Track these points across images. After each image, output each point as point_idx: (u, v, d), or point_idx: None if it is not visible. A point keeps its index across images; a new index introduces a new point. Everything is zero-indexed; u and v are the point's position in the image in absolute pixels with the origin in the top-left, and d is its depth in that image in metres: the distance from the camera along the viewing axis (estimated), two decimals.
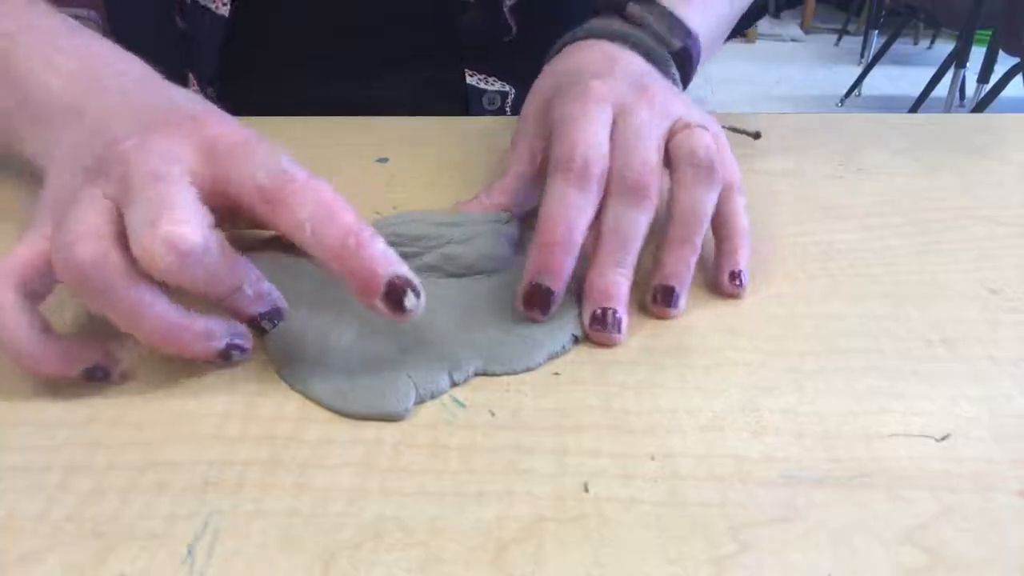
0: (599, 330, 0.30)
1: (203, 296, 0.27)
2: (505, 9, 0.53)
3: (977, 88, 2.52)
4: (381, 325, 0.30)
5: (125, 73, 0.35)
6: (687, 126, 0.34)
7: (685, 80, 0.44)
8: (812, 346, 0.31)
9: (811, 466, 0.25)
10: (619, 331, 0.30)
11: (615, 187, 0.32)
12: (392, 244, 0.31)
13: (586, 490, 0.24)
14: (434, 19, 0.53)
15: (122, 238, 0.26)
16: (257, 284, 0.29)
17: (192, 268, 0.26)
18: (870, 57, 3.14)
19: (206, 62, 0.53)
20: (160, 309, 0.26)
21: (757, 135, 0.40)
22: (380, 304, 0.26)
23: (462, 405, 0.28)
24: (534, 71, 0.57)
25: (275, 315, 0.30)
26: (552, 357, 0.30)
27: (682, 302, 0.32)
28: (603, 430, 0.27)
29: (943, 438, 0.27)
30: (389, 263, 0.27)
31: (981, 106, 2.46)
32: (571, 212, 0.31)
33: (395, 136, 0.49)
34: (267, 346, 0.30)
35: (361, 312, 0.31)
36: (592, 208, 0.32)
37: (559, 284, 0.31)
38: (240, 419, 0.27)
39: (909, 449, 0.26)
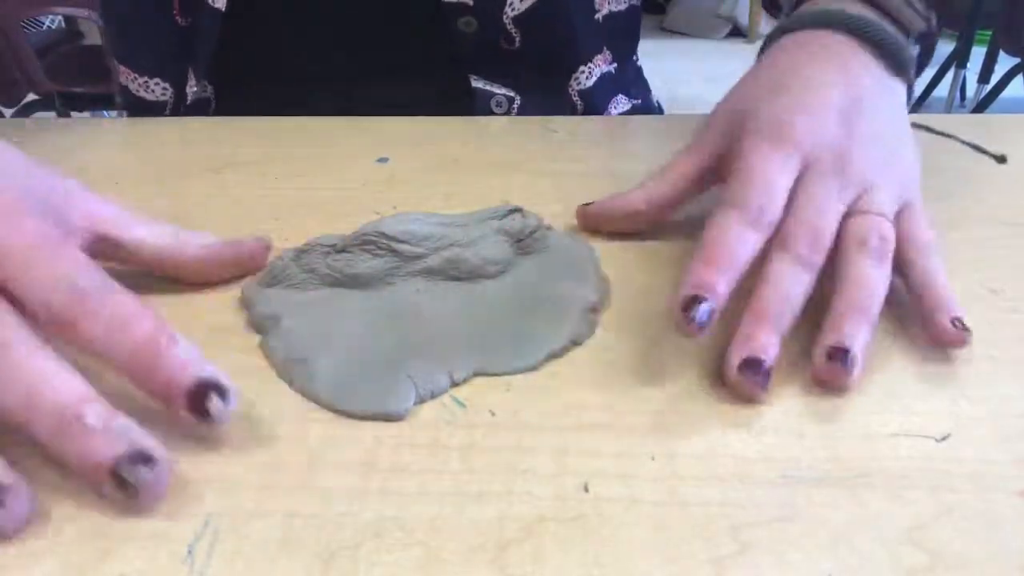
0: (746, 375, 0.28)
1: (29, 432, 0.24)
2: (506, 19, 0.53)
3: (977, 88, 2.52)
4: (381, 326, 0.30)
5: None
6: (866, 212, 0.32)
7: (920, 67, 0.42)
8: (812, 346, 0.31)
9: (811, 466, 0.25)
10: (766, 384, 0.28)
11: (781, 244, 0.31)
12: (401, 242, 0.31)
13: (586, 490, 0.24)
14: (436, 27, 0.53)
15: None
16: (107, 416, 0.24)
17: (10, 362, 0.24)
18: None
19: (203, 59, 0.53)
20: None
21: (1002, 159, 0.37)
22: (184, 414, 0.24)
23: (462, 405, 0.28)
24: (540, 82, 0.57)
25: (138, 459, 0.23)
26: (552, 357, 0.30)
27: (858, 368, 0.28)
28: (603, 430, 0.27)
29: (943, 438, 0.27)
30: (190, 369, 0.24)
31: (981, 106, 2.46)
32: (737, 242, 0.30)
33: (395, 136, 0.49)
34: (267, 347, 0.30)
35: (362, 312, 0.31)
36: (755, 248, 0.31)
37: (717, 299, 0.29)
38: (240, 419, 0.27)
39: (909, 449, 0.26)
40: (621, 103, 0.63)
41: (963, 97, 2.77)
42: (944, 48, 3.24)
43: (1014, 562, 0.22)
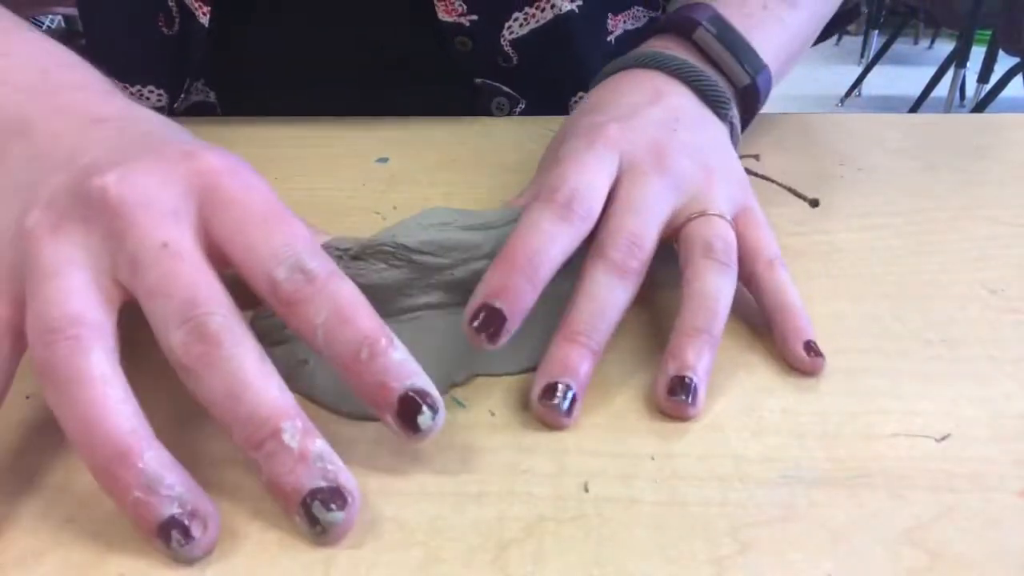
0: (546, 403, 0.26)
1: (229, 433, 0.23)
2: (504, 42, 0.52)
3: (977, 88, 2.53)
4: None
5: (86, 87, 0.30)
6: (703, 213, 0.31)
7: (748, 116, 0.42)
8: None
9: (811, 466, 0.25)
10: (570, 412, 0.26)
11: (596, 250, 0.30)
12: (427, 255, 0.29)
13: (586, 490, 0.24)
14: (435, 41, 0.52)
15: (108, 318, 0.23)
16: (304, 437, 0.23)
17: (226, 366, 0.23)
18: (870, 57, 3.14)
19: (196, 62, 0.53)
20: (115, 421, 0.22)
21: (815, 203, 0.38)
22: (392, 422, 0.23)
23: (462, 405, 0.28)
24: (543, 93, 0.56)
25: (332, 497, 0.22)
26: None
27: (700, 398, 0.27)
28: (603, 430, 0.27)
29: (943, 438, 0.27)
30: (403, 375, 0.23)
31: (981, 106, 2.46)
32: (543, 238, 0.28)
33: (395, 136, 0.49)
34: (268, 348, 0.30)
35: None
36: (568, 244, 0.29)
37: (514, 311, 0.27)
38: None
39: (909, 449, 0.26)
40: None
41: (963, 97, 2.78)
42: (944, 48, 3.24)
43: (1014, 562, 0.22)
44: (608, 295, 0.29)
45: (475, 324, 0.26)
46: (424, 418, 0.23)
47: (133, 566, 0.22)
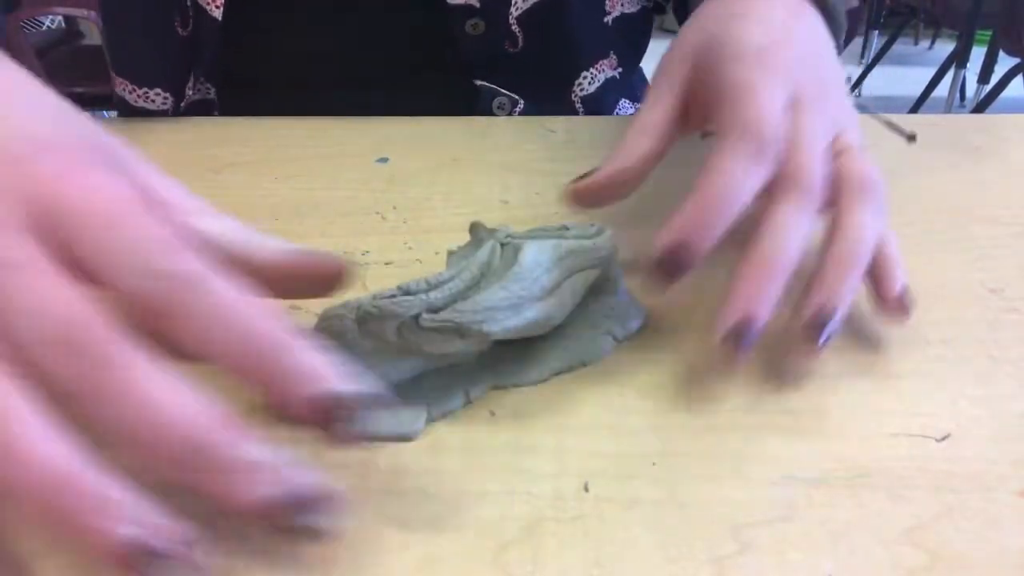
0: (734, 346, 0.27)
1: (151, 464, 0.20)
2: (511, 19, 0.53)
3: (977, 88, 2.53)
4: (393, 349, 0.27)
5: None
6: (850, 148, 0.31)
7: (843, 43, 0.43)
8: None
9: (811, 466, 0.25)
10: (750, 346, 0.27)
11: (783, 182, 0.29)
12: (492, 333, 0.26)
13: (586, 490, 0.24)
14: (440, 30, 0.53)
15: None
16: (236, 446, 0.20)
17: (121, 397, 0.19)
18: (870, 57, 3.14)
19: (208, 64, 0.53)
20: (55, 455, 0.18)
21: (912, 137, 0.37)
22: (317, 430, 0.21)
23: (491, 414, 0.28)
24: (542, 87, 0.56)
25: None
26: (559, 373, 0.29)
27: (837, 327, 0.28)
28: (603, 430, 0.27)
29: (943, 438, 0.27)
30: (313, 378, 0.20)
31: (981, 106, 2.46)
32: (744, 178, 0.28)
33: (395, 136, 0.49)
34: None
35: (374, 337, 0.27)
36: (758, 185, 0.29)
37: (700, 250, 0.28)
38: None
39: (909, 449, 0.26)
40: (625, 108, 0.63)
41: (963, 97, 2.78)
42: (944, 48, 3.24)
43: (1014, 562, 0.22)
44: (795, 233, 0.29)
45: (662, 262, 0.28)
46: (343, 424, 0.20)
47: None
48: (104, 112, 1.93)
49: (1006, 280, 0.35)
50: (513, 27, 0.53)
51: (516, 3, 0.52)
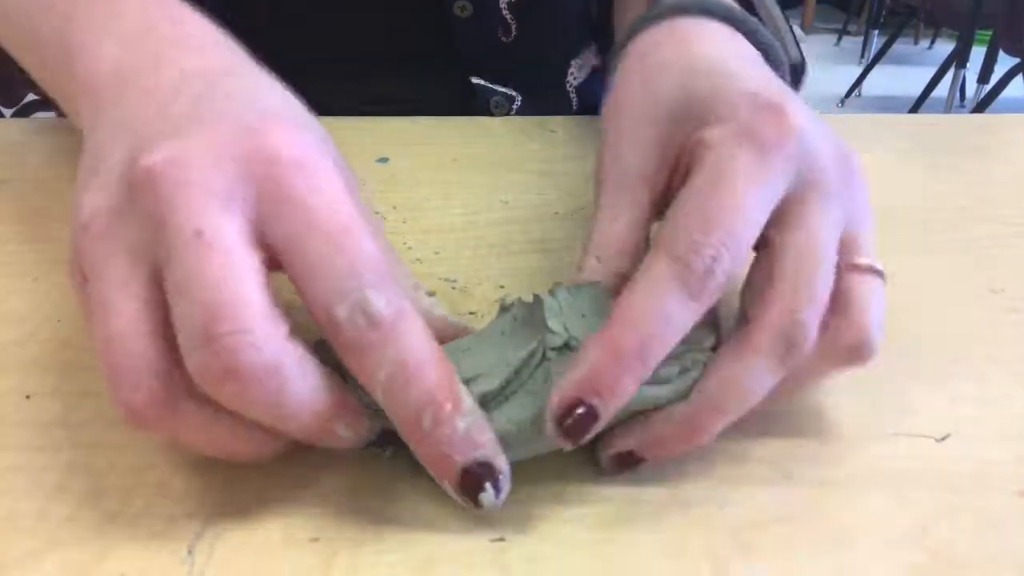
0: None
1: (279, 433, 0.22)
2: (503, 5, 0.53)
3: (977, 88, 2.52)
4: None
5: (203, 49, 0.27)
6: (861, 269, 0.25)
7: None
8: None
9: (811, 466, 0.25)
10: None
11: (762, 333, 0.23)
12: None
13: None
14: (432, 15, 0.53)
15: (157, 313, 0.21)
16: (355, 420, 0.23)
17: (259, 395, 0.20)
18: (870, 57, 3.14)
19: None
20: (224, 427, 0.22)
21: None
22: (453, 494, 0.22)
23: None
24: (536, 79, 0.56)
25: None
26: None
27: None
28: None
29: (943, 438, 0.27)
30: (467, 448, 0.21)
31: (981, 106, 2.46)
32: (661, 322, 0.22)
33: (395, 136, 0.49)
34: None
35: None
36: (689, 324, 0.22)
37: (609, 412, 0.22)
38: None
39: (909, 449, 0.26)
40: None
41: (963, 97, 2.78)
42: (944, 48, 3.24)
43: (1014, 562, 0.22)
44: (757, 386, 0.24)
45: (566, 423, 0.22)
46: (486, 495, 0.21)
47: (133, 566, 0.22)
48: None
49: (1006, 280, 0.35)
50: (505, 13, 0.53)
51: None
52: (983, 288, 0.35)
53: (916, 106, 2.75)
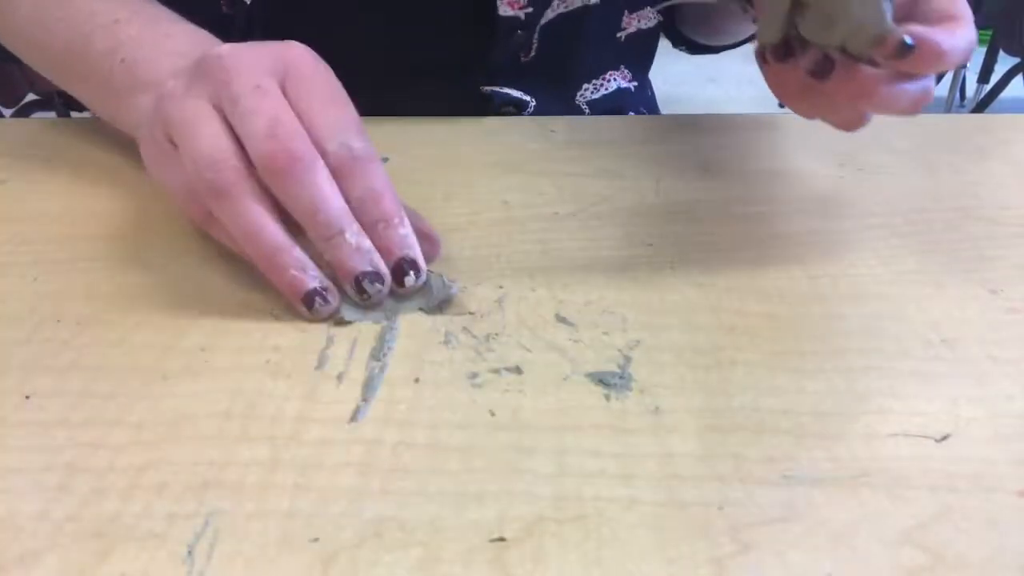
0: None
1: (305, 227, 0.31)
2: (534, 32, 0.53)
3: (977, 88, 2.53)
4: None
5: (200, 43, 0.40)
6: None
7: None
8: (812, 346, 0.31)
9: (811, 466, 0.25)
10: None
11: None
12: None
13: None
14: (461, 39, 0.52)
15: (240, 150, 0.31)
16: (359, 237, 0.31)
17: (307, 179, 0.30)
18: None
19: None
20: (272, 228, 0.31)
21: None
22: (388, 273, 0.32)
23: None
24: (548, 92, 0.56)
25: (375, 278, 0.31)
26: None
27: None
28: (603, 430, 0.27)
29: (943, 438, 0.27)
30: (404, 246, 0.32)
31: (981, 106, 2.46)
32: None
33: (395, 136, 0.49)
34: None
35: None
36: None
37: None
38: (240, 419, 0.27)
39: (909, 449, 0.26)
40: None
41: (963, 97, 2.78)
42: None
43: (1014, 562, 0.22)
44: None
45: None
46: (409, 279, 0.32)
47: (133, 566, 0.22)
48: None
49: (1006, 280, 0.35)
50: (534, 37, 0.53)
51: (546, 14, 0.53)
52: (983, 288, 0.35)
53: None
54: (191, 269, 0.35)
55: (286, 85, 0.33)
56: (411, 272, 0.32)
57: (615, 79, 0.60)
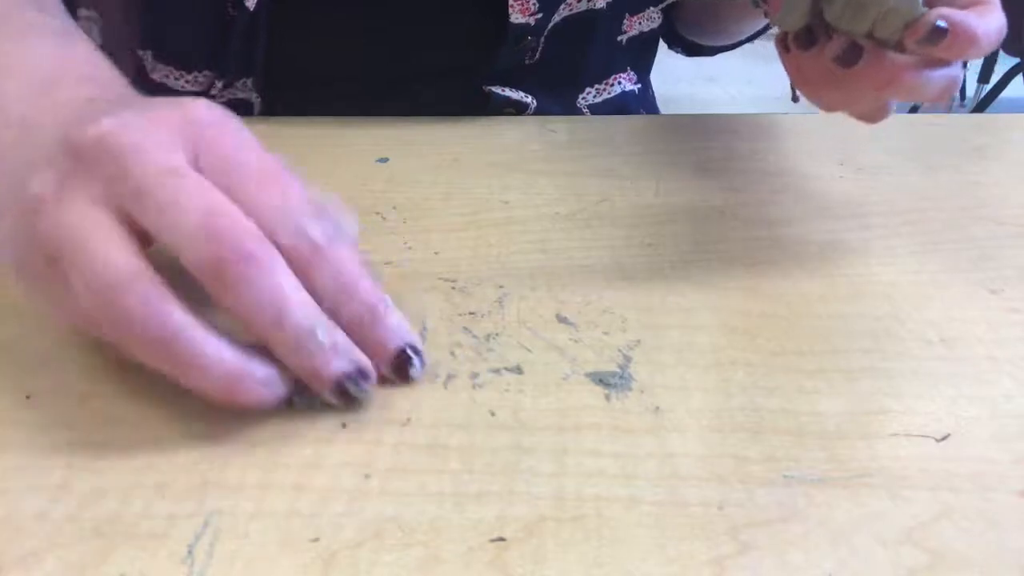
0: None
1: (265, 338, 0.25)
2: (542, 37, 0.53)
3: (977, 88, 2.53)
4: None
5: (94, 78, 0.31)
6: None
7: None
8: (812, 346, 0.31)
9: (811, 466, 0.25)
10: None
11: None
12: None
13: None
14: (467, 42, 0.52)
15: (147, 260, 0.24)
16: (332, 332, 0.25)
17: (267, 283, 0.24)
18: None
19: (239, 53, 0.52)
20: (223, 354, 0.24)
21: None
22: (388, 373, 0.28)
23: None
24: (549, 93, 0.56)
25: (361, 377, 0.26)
26: None
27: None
28: (603, 430, 0.27)
29: (943, 438, 0.27)
30: (398, 337, 0.27)
31: (981, 106, 2.46)
32: None
33: (395, 136, 0.49)
34: None
35: None
36: None
37: None
38: (240, 419, 0.27)
39: (909, 449, 0.26)
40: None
41: (963, 97, 2.78)
42: None
43: (1014, 562, 0.22)
44: None
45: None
46: (414, 370, 0.28)
47: (133, 566, 0.22)
48: None
49: (1006, 280, 0.35)
50: (540, 40, 0.53)
51: (554, 19, 0.52)
52: (982, 288, 0.35)
53: (916, 106, 2.75)
54: None
55: (201, 164, 0.25)
56: (415, 359, 0.28)
57: (621, 81, 0.60)
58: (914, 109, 2.72)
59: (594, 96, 0.59)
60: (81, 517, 0.23)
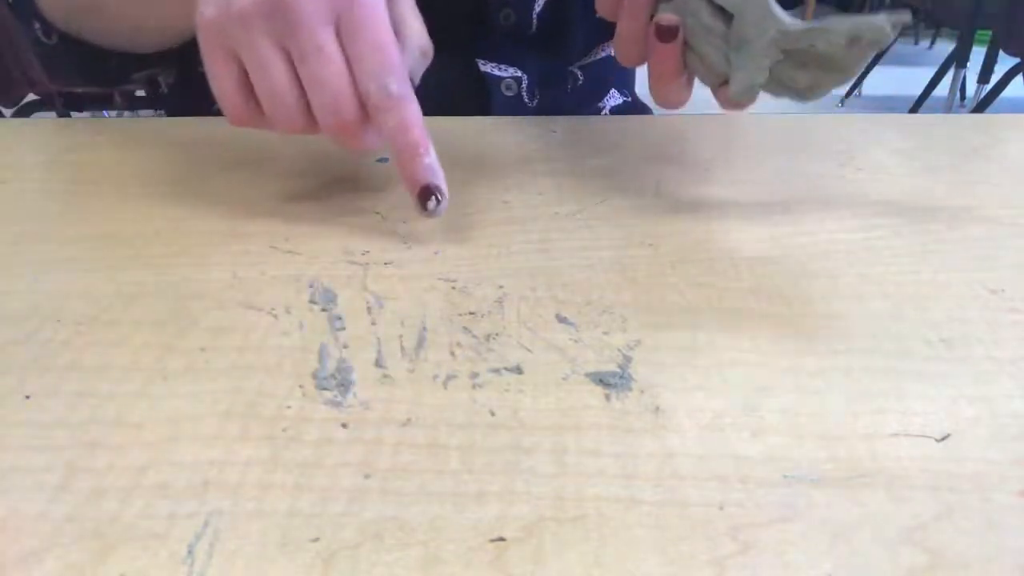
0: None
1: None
2: (534, 13, 0.55)
3: (977, 88, 2.53)
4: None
5: None
6: None
7: None
8: (812, 346, 0.31)
9: (811, 466, 0.25)
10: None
11: None
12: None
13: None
14: (460, 16, 0.54)
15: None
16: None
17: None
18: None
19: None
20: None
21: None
22: (415, 200, 0.37)
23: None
24: (544, 64, 0.58)
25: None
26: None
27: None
28: (603, 430, 0.27)
29: (943, 438, 0.27)
30: (428, 174, 0.36)
31: (981, 106, 2.46)
32: None
33: None
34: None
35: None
36: None
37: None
38: (240, 419, 0.27)
39: (909, 449, 0.26)
40: (614, 97, 0.64)
41: (963, 97, 2.78)
42: (944, 48, 3.24)
43: (1014, 562, 0.22)
44: None
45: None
46: (431, 203, 0.36)
47: (133, 566, 0.22)
48: (104, 112, 1.94)
49: (1006, 280, 0.35)
50: (533, 19, 0.56)
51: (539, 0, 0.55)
52: (982, 288, 0.35)
53: (916, 106, 2.75)
54: (191, 269, 0.35)
55: (341, 28, 0.36)
56: (433, 197, 0.36)
57: (607, 48, 0.62)
58: (914, 109, 2.72)
59: (582, 70, 0.61)
60: (81, 517, 0.23)
